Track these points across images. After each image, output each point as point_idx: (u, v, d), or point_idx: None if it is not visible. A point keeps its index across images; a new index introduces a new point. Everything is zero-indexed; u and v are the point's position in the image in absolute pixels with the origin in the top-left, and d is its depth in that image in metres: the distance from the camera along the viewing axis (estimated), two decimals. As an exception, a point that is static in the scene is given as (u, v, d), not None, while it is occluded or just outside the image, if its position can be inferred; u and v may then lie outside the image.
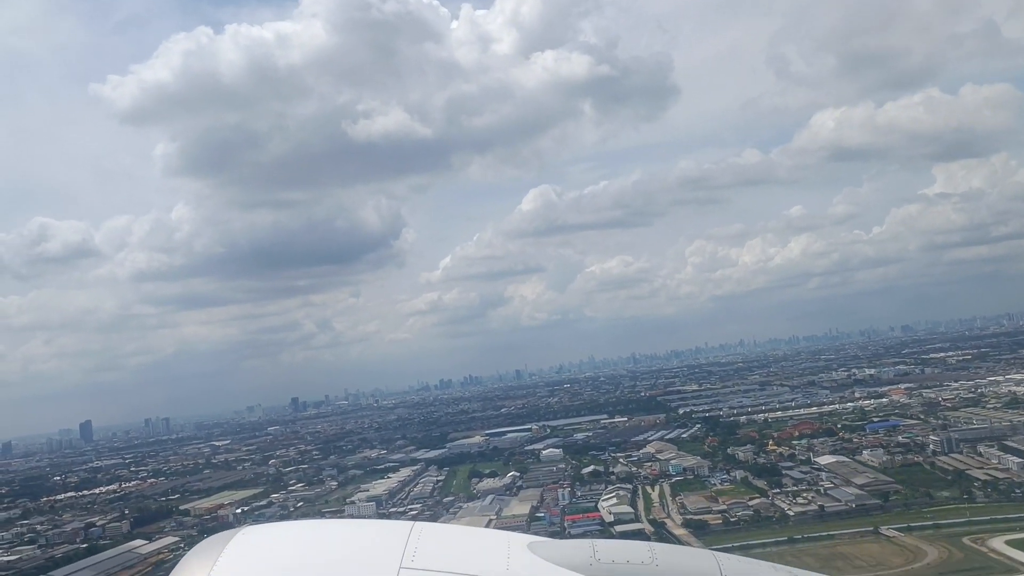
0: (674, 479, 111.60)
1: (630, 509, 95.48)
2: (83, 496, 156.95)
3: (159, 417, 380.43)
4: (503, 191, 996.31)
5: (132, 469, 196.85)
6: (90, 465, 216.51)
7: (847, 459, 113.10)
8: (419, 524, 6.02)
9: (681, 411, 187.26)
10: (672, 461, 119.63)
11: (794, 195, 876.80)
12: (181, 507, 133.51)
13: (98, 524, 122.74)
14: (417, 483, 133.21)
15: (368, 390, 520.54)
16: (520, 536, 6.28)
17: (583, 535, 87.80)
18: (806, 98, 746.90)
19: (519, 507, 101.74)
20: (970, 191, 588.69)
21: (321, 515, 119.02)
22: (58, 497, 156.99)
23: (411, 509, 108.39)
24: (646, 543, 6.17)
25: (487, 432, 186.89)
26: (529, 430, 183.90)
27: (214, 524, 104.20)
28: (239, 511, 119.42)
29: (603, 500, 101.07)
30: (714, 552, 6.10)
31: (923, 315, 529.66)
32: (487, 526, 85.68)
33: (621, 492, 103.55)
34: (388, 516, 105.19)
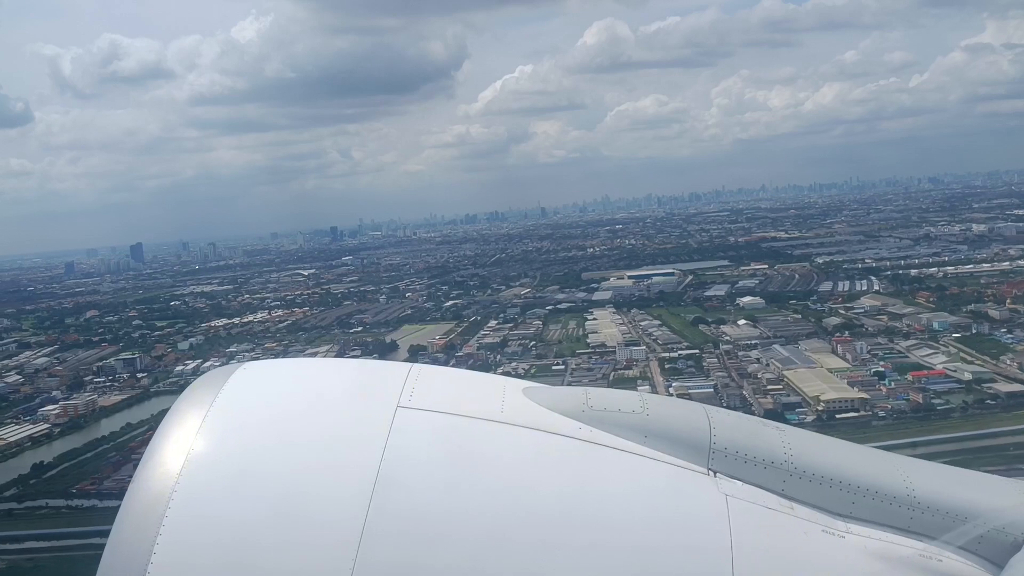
0: (943, 335, 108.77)
1: (981, 368, 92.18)
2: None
3: (205, 241, 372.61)
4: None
5: (262, 296, 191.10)
6: (202, 290, 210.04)
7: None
8: (417, 366, 5.85)
9: (820, 260, 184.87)
10: (922, 316, 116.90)
11: (879, 41, 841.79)
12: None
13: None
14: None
15: (383, 220, 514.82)
16: (516, 381, 6.03)
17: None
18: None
19: (833, 360, 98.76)
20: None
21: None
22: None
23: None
24: (638, 393, 6.03)
25: (631, 275, 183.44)
26: (672, 274, 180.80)
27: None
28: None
29: (921, 354, 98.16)
30: (705, 406, 5.94)
31: (945, 167, 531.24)
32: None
33: (940, 347, 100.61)
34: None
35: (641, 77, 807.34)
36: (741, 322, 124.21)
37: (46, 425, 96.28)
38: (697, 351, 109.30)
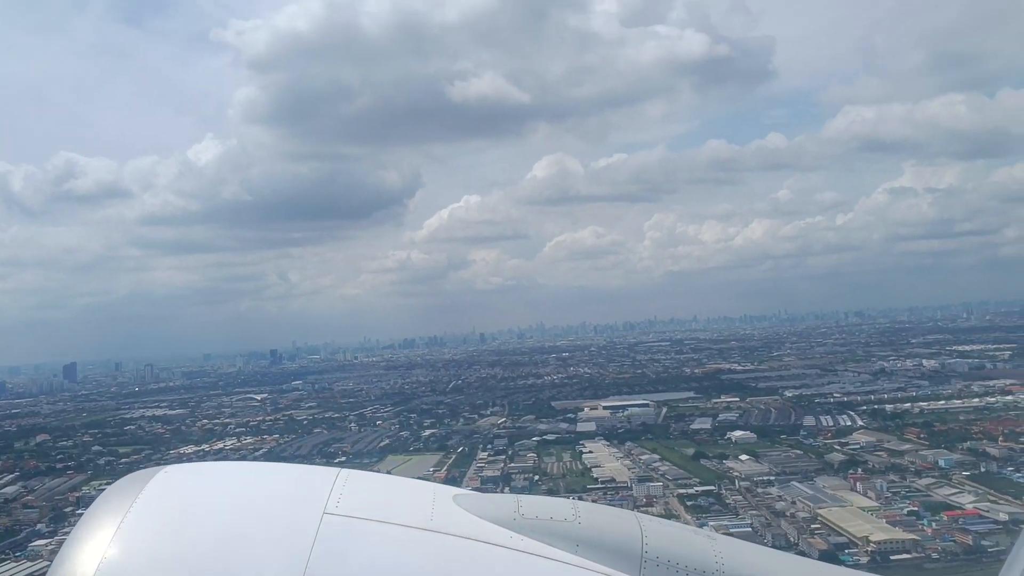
0: (952, 472, 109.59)
1: (1011, 508, 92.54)
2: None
3: (135, 360, 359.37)
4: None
5: (222, 423, 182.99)
6: (148, 413, 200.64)
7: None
8: (345, 471, 5.93)
9: (789, 394, 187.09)
10: (922, 454, 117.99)
11: (811, 181, 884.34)
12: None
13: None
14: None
15: (317, 343, 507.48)
16: (446, 488, 6.16)
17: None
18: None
19: (857, 498, 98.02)
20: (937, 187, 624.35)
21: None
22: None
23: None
24: (570, 501, 6.14)
25: (606, 406, 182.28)
26: (648, 405, 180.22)
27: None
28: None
29: (944, 493, 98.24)
30: (636, 513, 6.20)
31: (867, 302, 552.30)
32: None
33: (957, 486, 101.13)
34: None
35: (587, 210, 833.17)
36: (743, 457, 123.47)
37: (44, 563, 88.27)
38: (713, 487, 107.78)
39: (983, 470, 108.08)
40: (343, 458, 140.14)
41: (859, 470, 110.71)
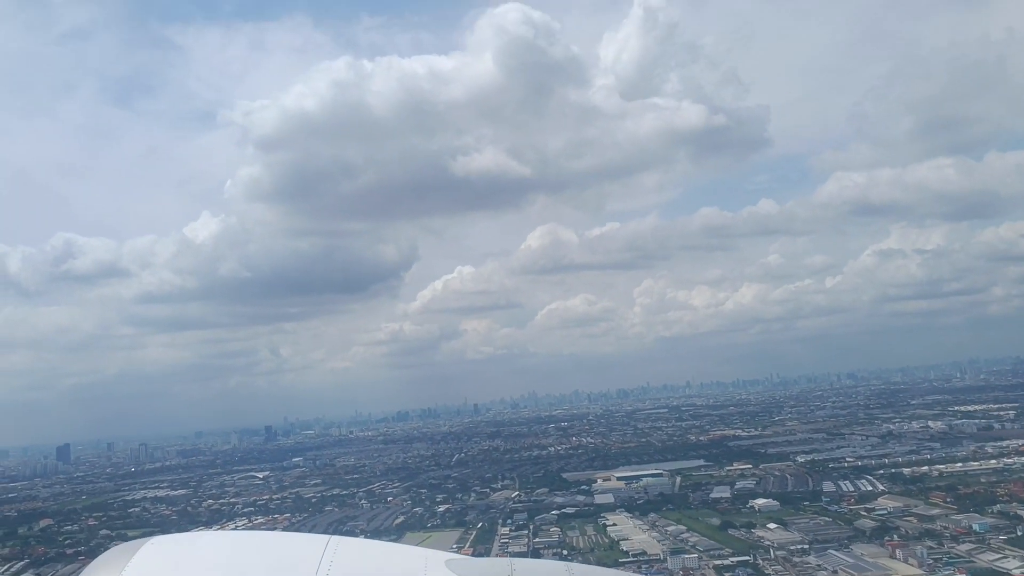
0: (988, 536, 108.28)
1: None
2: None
3: (123, 439, 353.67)
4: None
5: (229, 502, 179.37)
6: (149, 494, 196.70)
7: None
8: (335, 538, 5.90)
9: (801, 459, 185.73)
10: (954, 518, 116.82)
11: (801, 245, 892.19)
12: None
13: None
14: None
15: (308, 418, 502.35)
16: (438, 553, 6.00)
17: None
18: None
19: (901, 566, 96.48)
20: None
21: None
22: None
23: None
24: (564, 564, 6.12)
25: (619, 476, 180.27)
26: (661, 475, 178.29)
27: None
28: None
29: (988, 559, 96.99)
30: (630, 574, 6.86)
31: (857, 363, 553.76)
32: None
33: (998, 551, 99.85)
34: None
35: (580, 278, 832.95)
36: (771, 526, 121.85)
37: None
38: (748, 558, 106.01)
39: (1020, 533, 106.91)
40: (362, 537, 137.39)
41: (894, 536, 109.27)
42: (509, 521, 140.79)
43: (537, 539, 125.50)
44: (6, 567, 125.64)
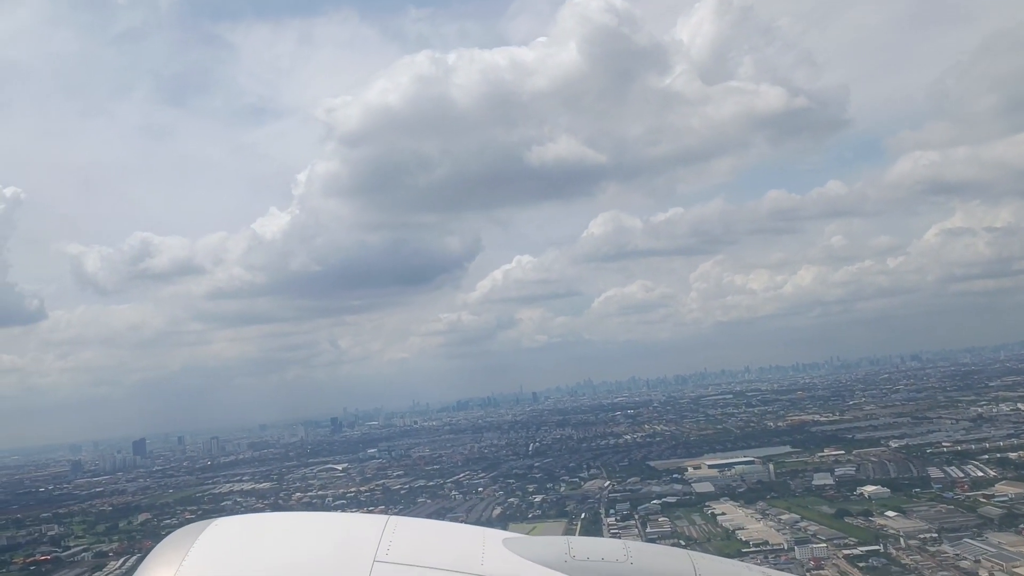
0: None
1: None
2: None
3: (201, 435, 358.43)
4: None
5: (320, 495, 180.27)
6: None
7: None
8: (394, 518, 5.94)
9: (892, 444, 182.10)
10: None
11: (871, 227, 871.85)
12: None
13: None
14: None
15: (367, 408, 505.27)
16: (496, 532, 6.17)
17: None
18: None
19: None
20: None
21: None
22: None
23: None
24: (622, 541, 6.03)
25: (710, 464, 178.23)
26: (752, 462, 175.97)
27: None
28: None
29: None
30: (689, 552, 5.96)
31: (918, 345, 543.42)
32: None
33: None
34: None
35: (642, 264, 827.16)
36: (890, 514, 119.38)
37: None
38: (878, 547, 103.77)
39: None
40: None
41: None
42: (612, 511, 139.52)
43: (648, 530, 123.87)
44: (122, 560, 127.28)
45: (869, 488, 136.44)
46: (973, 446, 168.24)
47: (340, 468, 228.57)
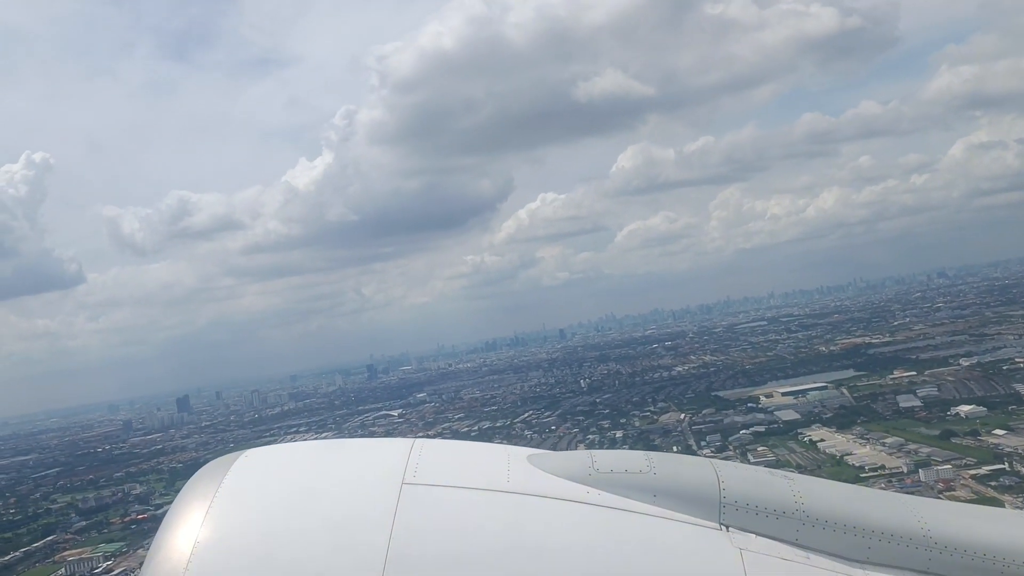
0: None
1: None
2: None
3: (243, 389, 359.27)
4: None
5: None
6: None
7: None
8: (420, 440, 5.97)
9: (963, 362, 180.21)
10: None
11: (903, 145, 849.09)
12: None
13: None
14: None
15: (392, 354, 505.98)
16: (519, 449, 6.12)
17: None
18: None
19: None
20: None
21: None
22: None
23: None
24: (644, 452, 6.04)
25: (783, 392, 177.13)
26: (825, 387, 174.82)
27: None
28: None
29: None
30: (712, 461, 6.00)
31: (941, 261, 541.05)
32: None
33: None
34: None
35: (673, 195, 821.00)
36: (999, 432, 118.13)
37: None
38: (1004, 465, 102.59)
39: None
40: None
41: None
42: (703, 443, 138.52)
43: (753, 461, 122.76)
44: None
45: (965, 408, 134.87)
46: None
47: (396, 414, 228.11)
